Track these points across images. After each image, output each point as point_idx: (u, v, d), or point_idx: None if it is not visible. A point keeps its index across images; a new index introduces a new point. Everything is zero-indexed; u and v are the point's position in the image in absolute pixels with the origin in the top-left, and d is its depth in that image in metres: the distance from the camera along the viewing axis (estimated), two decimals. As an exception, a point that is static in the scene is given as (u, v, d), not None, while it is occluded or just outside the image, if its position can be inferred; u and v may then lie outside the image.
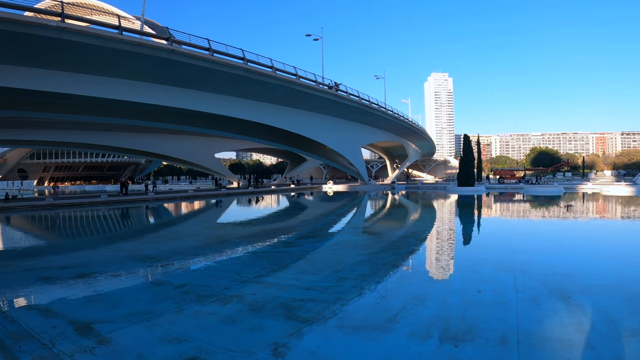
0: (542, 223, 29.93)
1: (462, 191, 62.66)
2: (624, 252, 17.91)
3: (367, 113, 70.86)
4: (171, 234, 24.32)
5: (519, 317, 8.88)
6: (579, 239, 22.34)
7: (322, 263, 15.11)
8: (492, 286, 11.50)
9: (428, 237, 22.20)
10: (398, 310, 9.22)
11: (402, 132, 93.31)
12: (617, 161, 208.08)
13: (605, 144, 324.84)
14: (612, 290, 11.17)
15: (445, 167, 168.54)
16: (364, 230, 25.84)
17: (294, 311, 9.17)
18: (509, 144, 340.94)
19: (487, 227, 27.70)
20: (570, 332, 8.16)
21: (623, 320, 8.87)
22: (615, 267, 14.56)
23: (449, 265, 14.99)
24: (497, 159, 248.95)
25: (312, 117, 64.13)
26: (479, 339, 7.70)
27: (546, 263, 15.03)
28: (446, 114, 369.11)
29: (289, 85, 52.06)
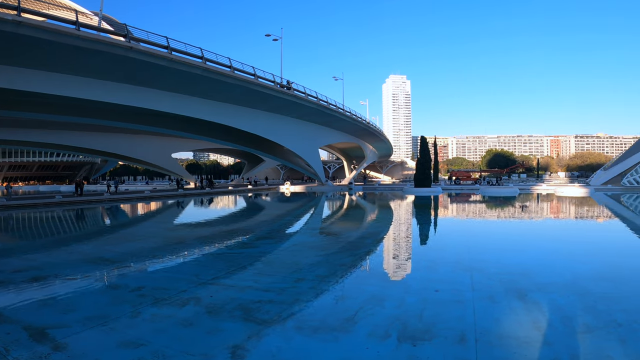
0: (498, 223, 30.48)
1: (418, 192, 63.29)
2: (578, 250, 18.47)
3: (325, 114, 71.10)
4: (127, 236, 23.94)
5: (476, 315, 9.05)
6: (534, 238, 22.86)
7: (280, 264, 15.12)
8: (449, 285, 11.67)
9: (385, 238, 22.34)
10: (356, 311, 9.26)
11: (360, 133, 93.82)
12: (571, 163, 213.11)
13: (560, 147, 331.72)
14: (567, 288, 11.51)
15: (403, 168, 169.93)
16: (322, 231, 25.86)
17: (252, 313, 9.13)
18: (465, 146, 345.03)
19: (443, 227, 28.05)
20: (527, 329, 8.34)
21: (578, 317, 9.14)
22: (570, 264, 15.08)
23: (406, 265, 15.10)
24: (454, 160, 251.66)
25: (271, 117, 64.16)
26: (437, 338, 7.81)
27: (502, 262, 15.42)
28: (404, 115, 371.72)
29: (247, 85, 51.92)
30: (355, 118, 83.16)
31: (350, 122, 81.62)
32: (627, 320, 8.92)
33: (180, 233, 24.70)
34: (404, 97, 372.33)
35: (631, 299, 10.62)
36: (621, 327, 8.49)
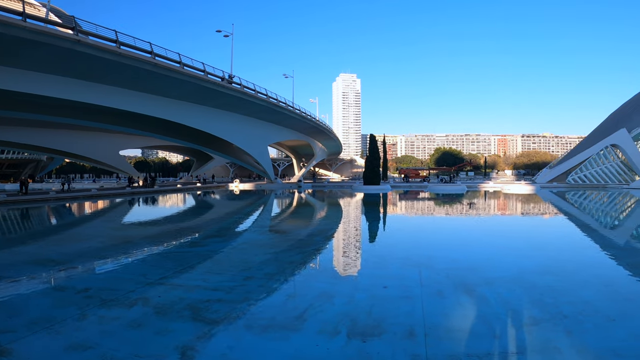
0: (446, 220, 30.96)
1: (368, 189, 63.75)
2: (524, 245, 19.08)
3: (275, 112, 70.92)
4: (74, 236, 23.41)
5: (425, 310, 9.22)
6: (482, 235, 23.33)
7: (229, 263, 15.11)
8: (398, 281, 11.88)
9: (334, 235, 22.47)
10: (306, 308, 9.35)
11: (309, 131, 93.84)
12: (518, 161, 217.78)
13: (507, 145, 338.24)
14: (514, 282, 11.88)
15: (352, 166, 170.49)
16: (271, 229, 25.87)
17: (201, 312, 9.10)
18: (414, 144, 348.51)
19: (392, 224, 28.39)
20: (475, 323, 8.57)
21: (525, 310, 9.44)
22: (516, 259, 15.51)
23: (355, 262, 15.23)
24: (403, 158, 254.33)
25: (220, 114, 63.70)
26: (387, 334, 7.94)
27: (450, 258, 15.70)
28: (353, 114, 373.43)
29: (196, 82, 51.33)
30: (305, 116, 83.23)
31: (299, 119, 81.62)
32: (573, 312, 9.28)
33: (128, 232, 24.33)
34: (354, 95, 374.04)
35: (576, 292, 11.07)
36: (567, 319, 8.84)
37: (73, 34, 37.29)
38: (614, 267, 15.28)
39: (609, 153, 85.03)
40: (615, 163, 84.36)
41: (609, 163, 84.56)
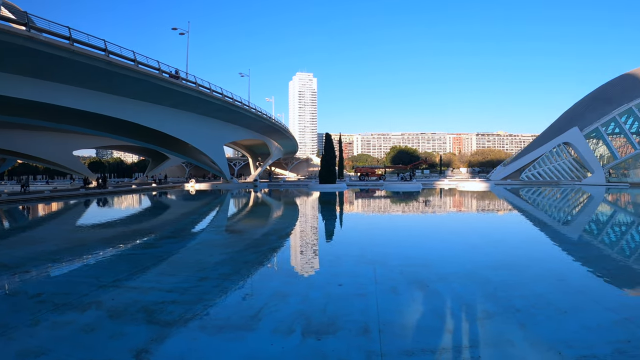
0: (401, 217, 31.25)
1: (323, 188, 64.06)
2: (478, 241, 19.41)
3: (231, 111, 70.69)
4: (26, 239, 22.89)
5: (379, 307, 9.38)
6: (436, 231, 23.80)
7: (183, 264, 15.03)
8: (353, 279, 12.02)
9: (290, 234, 22.55)
10: (260, 308, 9.42)
11: (266, 130, 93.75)
12: (472, 159, 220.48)
13: (462, 144, 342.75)
14: (468, 277, 12.15)
15: (308, 165, 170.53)
16: (226, 229, 25.75)
17: (155, 315, 9.08)
18: (371, 143, 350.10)
19: (347, 222, 28.49)
20: (429, 319, 8.78)
21: (478, 304, 9.68)
22: (471, 255, 15.86)
23: (310, 260, 15.32)
24: (359, 157, 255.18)
25: (176, 114, 63.27)
26: (341, 331, 8.08)
27: (405, 254, 15.97)
28: (310, 113, 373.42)
29: (151, 80, 50.82)
30: (261, 115, 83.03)
31: (255, 119, 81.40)
32: (525, 305, 9.56)
33: (81, 235, 23.93)
34: (311, 94, 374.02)
35: (529, 286, 11.37)
36: (520, 313, 9.09)
37: (25, 30, 36.52)
38: (567, 261, 15.75)
39: (562, 151, 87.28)
40: (567, 160, 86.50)
41: (561, 160, 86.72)
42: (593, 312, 9.36)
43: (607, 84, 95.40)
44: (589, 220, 30.33)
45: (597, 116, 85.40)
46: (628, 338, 7.78)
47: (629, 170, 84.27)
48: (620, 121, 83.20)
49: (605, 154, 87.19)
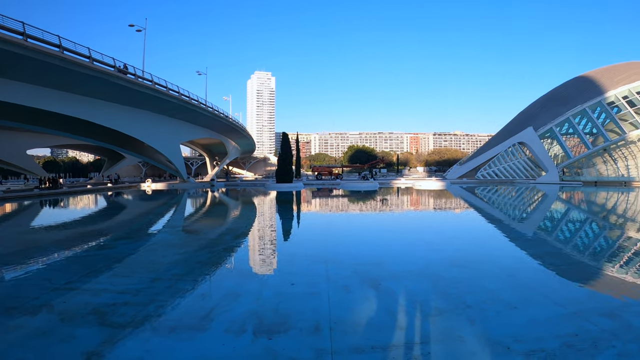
0: (356, 216, 31.52)
1: (280, 187, 64.13)
2: (432, 239, 19.90)
3: (187, 109, 70.07)
4: (-25, 242, 22.53)
5: (331, 305, 9.44)
6: (391, 230, 24.09)
7: (137, 265, 14.92)
8: (305, 278, 12.09)
9: (244, 234, 22.56)
10: (213, 308, 9.42)
11: (223, 129, 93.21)
12: (429, 159, 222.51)
13: (419, 143, 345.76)
14: (420, 275, 12.31)
15: (265, 164, 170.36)
16: (181, 229, 25.56)
17: (107, 317, 8.97)
18: (328, 142, 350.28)
19: (302, 222, 28.71)
20: (380, 316, 8.88)
21: (430, 301, 9.82)
22: (424, 253, 16.08)
23: (264, 260, 15.37)
24: (317, 156, 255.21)
25: (132, 112, 62.45)
26: (293, 330, 8.12)
27: (358, 253, 16.17)
28: (268, 112, 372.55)
29: (107, 78, 49.96)
30: (218, 114, 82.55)
31: (212, 118, 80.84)
32: (476, 301, 9.75)
33: (34, 236, 23.39)
34: (269, 93, 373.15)
35: (480, 282, 11.64)
36: (470, 309, 9.26)
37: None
38: (519, 257, 16.21)
39: (517, 150, 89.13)
40: (522, 160, 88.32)
41: (516, 160, 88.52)
42: (542, 307, 9.60)
43: (562, 85, 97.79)
44: (540, 218, 31.11)
45: (552, 117, 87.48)
46: (576, 332, 7.98)
47: (582, 169, 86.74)
48: (574, 122, 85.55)
49: (559, 154, 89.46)
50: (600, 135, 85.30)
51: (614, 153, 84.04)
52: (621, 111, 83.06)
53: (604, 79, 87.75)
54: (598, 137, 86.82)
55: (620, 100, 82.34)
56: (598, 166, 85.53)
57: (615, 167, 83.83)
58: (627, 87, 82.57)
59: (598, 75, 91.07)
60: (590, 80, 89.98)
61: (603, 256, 16.67)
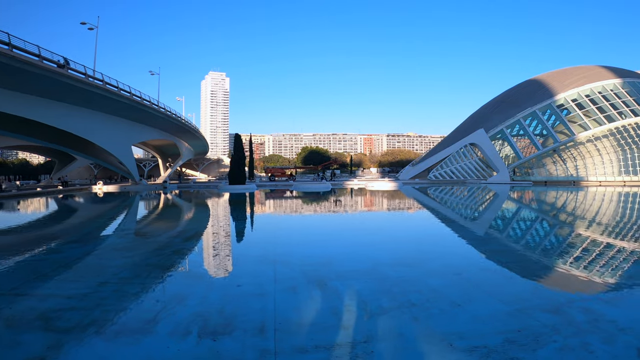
0: (307, 217, 31.71)
1: (233, 189, 63.71)
2: (381, 239, 20.10)
3: (139, 110, 69.24)
4: None
5: (277, 306, 9.50)
6: (340, 230, 24.27)
7: (85, 269, 14.71)
8: (253, 279, 12.16)
9: (195, 236, 22.48)
10: (159, 311, 9.37)
11: (176, 130, 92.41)
12: (383, 160, 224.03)
13: (372, 144, 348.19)
14: (367, 274, 12.46)
15: (219, 165, 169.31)
16: (131, 232, 25.25)
17: (53, 322, 8.87)
18: (282, 143, 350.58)
19: (253, 223, 28.66)
20: (326, 316, 8.96)
21: (375, 300, 9.93)
22: (371, 253, 16.27)
23: (212, 262, 15.30)
24: (270, 157, 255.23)
25: (83, 113, 61.34)
26: (237, 331, 8.14)
27: (307, 254, 16.32)
28: (222, 113, 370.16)
29: (56, 77, 48.90)
30: (171, 115, 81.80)
31: (165, 119, 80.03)
32: (421, 299, 9.89)
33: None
34: (223, 94, 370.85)
35: (426, 281, 11.83)
36: (415, 307, 9.39)
37: None
38: (465, 256, 16.58)
39: (468, 151, 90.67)
40: (473, 160, 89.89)
41: (467, 160, 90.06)
42: (486, 305, 9.85)
43: (514, 88, 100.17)
44: (489, 217, 31.79)
45: (503, 118, 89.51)
46: (519, 328, 8.17)
47: (532, 169, 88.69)
48: (524, 124, 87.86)
49: (510, 154, 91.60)
50: (550, 137, 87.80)
51: (564, 154, 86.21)
52: (570, 113, 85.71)
53: (554, 82, 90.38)
54: (548, 139, 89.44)
55: (569, 103, 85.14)
56: (548, 166, 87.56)
57: (565, 167, 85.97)
58: (577, 90, 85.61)
59: (549, 78, 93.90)
60: (541, 83, 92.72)
61: (548, 253, 17.16)
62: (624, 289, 11.56)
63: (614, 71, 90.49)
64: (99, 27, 69.46)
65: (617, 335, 7.97)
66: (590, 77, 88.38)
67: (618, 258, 15.72)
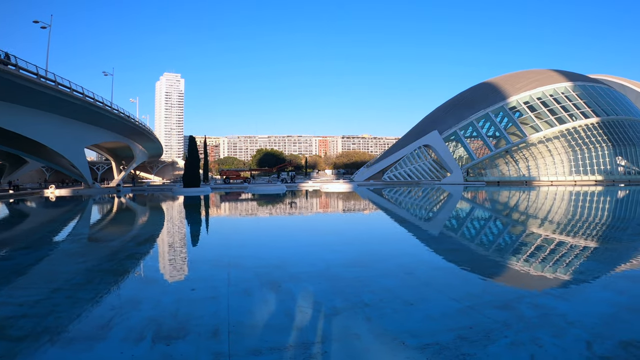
0: (261, 220, 31.86)
1: (187, 192, 63.51)
2: (335, 240, 20.16)
3: (93, 112, 68.05)
4: None
5: (230, 309, 9.49)
6: (294, 232, 24.51)
7: (37, 275, 14.48)
8: (206, 283, 12.11)
9: (148, 240, 22.23)
10: (112, 316, 9.27)
11: (129, 132, 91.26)
12: (338, 161, 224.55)
13: (327, 146, 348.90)
14: (320, 275, 12.55)
15: (174, 168, 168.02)
16: (83, 237, 24.80)
17: (4, 330, 8.72)
18: (237, 146, 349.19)
19: (207, 226, 28.54)
20: (279, 318, 8.99)
21: (328, 301, 10.00)
22: (325, 254, 16.39)
23: (166, 266, 15.21)
24: (225, 159, 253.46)
25: (34, 114, 59.82)
26: (191, 335, 8.12)
27: (260, 256, 16.35)
28: (176, 115, 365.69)
29: (7, 77, 47.92)
30: (125, 117, 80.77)
31: (119, 120, 78.92)
32: (373, 299, 10.02)
33: None
34: (178, 95, 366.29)
35: (378, 281, 11.96)
36: (368, 307, 9.50)
37: None
38: (418, 255, 16.84)
39: (422, 153, 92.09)
40: (427, 161, 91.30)
41: (422, 162, 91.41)
42: (438, 303, 10.04)
43: (467, 90, 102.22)
44: (441, 217, 32.29)
45: (457, 120, 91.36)
46: (470, 325, 8.36)
47: (485, 170, 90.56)
48: (477, 125, 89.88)
49: (463, 156, 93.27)
50: (503, 138, 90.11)
51: (516, 155, 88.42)
52: (522, 115, 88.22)
53: (507, 85, 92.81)
54: (501, 140, 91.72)
55: (521, 106, 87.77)
56: (500, 167, 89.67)
57: (517, 167, 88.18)
58: (529, 93, 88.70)
59: (502, 81, 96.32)
60: (494, 86, 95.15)
61: (498, 251, 17.71)
62: (571, 284, 11.95)
63: (566, 75, 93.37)
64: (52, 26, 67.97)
65: (566, 329, 8.26)
66: (542, 80, 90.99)
67: (566, 254, 16.28)
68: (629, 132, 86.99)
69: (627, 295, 10.84)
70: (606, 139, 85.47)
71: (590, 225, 25.89)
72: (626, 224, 27.46)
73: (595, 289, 11.55)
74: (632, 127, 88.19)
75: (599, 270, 13.83)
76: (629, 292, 11.13)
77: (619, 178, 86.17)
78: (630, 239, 21.06)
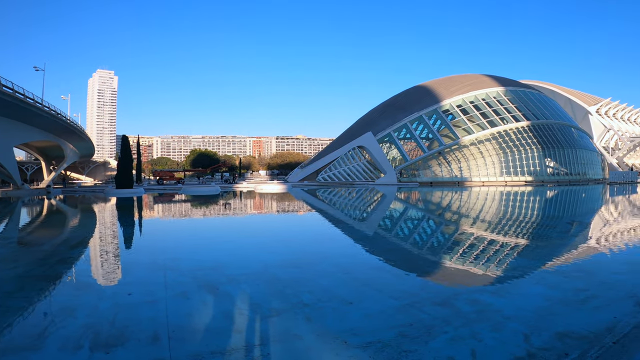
0: (196, 221, 31.71)
1: (120, 193, 62.57)
2: (270, 241, 20.33)
3: (23, 108, 65.67)
4: None
5: (169, 313, 9.33)
6: (230, 233, 24.57)
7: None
8: (143, 287, 11.89)
9: (81, 244, 21.53)
10: (46, 326, 8.96)
11: (61, 131, 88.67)
12: (272, 162, 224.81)
13: (262, 147, 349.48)
14: (257, 277, 12.59)
15: (105, 168, 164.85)
16: (12, 241, 23.81)
17: None
18: (171, 146, 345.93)
19: (142, 229, 28.11)
20: (218, 321, 8.95)
21: (267, 303, 10.03)
22: (262, 256, 16.40)
23: (101, 271, 14.85)
24: (159, 160, 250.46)
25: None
26: (130, 341, 7.91)
27: (196, 259, 16.16)
28: (109, 113, 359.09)
29: None
30: (56, 114, 78.32)
31: (50, 118, 76.34)
32: (312, 300, 10.10)
33: None
34: (110, 93, 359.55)
35: (317, 281, 12.10)
36: (307, 307, 9.56)
37: None
38: (354, 255, 17.17)
39: (356, 154, 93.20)
40: (362, 162, 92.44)
41: (356, 163, 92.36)
42: (377, 301, 10.15)
43: (402, 93, 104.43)
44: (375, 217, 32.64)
45: (391, 122, 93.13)
46: (410, 322, 8.50)
47: (418, 170, 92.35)
48: (411, 127, 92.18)
49: (397, 157, 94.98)
50: (436, 140, 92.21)
51: (448, 156, 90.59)
52: (455, 118, 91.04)
53: (441, 89, 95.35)
54: (434, 142, 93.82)
55: (454, 109, 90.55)
56: (433, 168, 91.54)
57: (450, 168, 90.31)
58: (462, 97, 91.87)
59: (436, 85, 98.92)
60: (428, 89, 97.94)
61: (434, 250, 18.21)
62: (506, 281, 12.36)
63: (498, 80, 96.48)
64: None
65: (504, 323, 8.54)
66: (475, 84, 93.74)
67: (498, 252, 16.86)
68: (557, 135, 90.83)
69: (558, 289, 11.21)
70: (536, 142, 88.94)
71: (520, 223, 26.79)
72: (555, 222, 28.46)
73: (529, 284, 11.97)
74: (561, 131, 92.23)
75: (531, 267, 14.30)
76: (560, 286, 11.50)
77: (547, 179, 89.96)
78: (559, 236, 21.87)
